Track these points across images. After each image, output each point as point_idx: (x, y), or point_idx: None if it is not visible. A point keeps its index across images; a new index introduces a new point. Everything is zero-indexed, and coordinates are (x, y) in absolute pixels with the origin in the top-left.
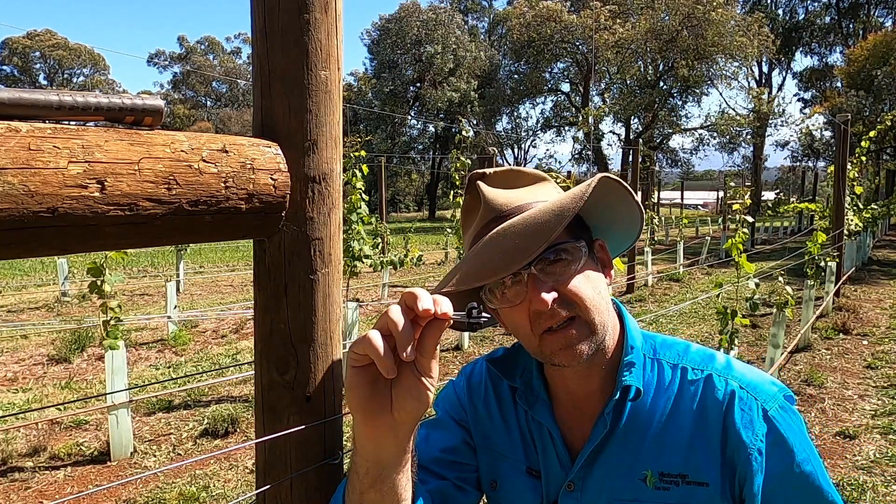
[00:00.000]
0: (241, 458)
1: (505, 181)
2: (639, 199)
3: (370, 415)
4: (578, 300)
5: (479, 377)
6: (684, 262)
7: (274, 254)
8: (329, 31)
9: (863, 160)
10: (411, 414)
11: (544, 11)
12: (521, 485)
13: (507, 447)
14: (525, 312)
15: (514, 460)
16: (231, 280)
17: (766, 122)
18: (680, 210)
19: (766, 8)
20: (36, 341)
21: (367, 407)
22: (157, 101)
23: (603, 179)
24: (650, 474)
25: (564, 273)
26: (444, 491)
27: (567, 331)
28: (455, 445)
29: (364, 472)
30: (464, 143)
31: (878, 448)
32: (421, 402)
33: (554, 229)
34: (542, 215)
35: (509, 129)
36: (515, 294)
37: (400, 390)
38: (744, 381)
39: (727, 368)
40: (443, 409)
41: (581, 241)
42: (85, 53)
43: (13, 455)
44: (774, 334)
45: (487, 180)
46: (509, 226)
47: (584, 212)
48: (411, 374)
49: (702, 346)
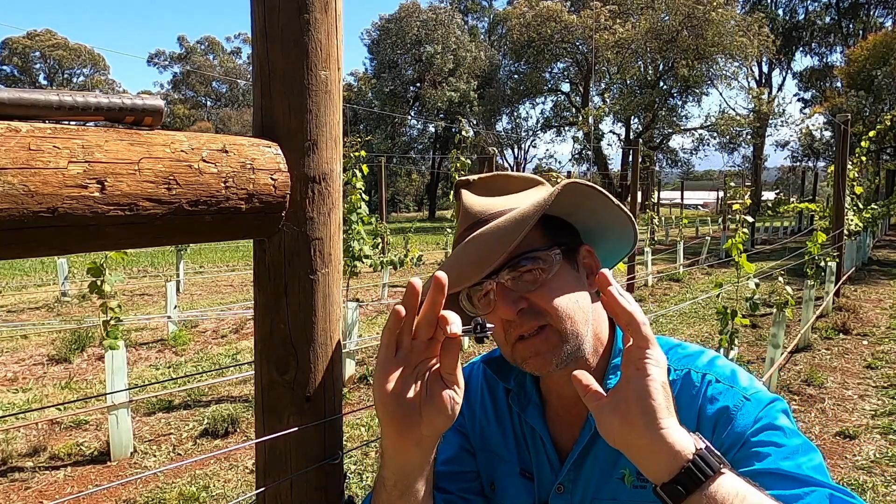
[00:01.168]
0: (241, 458)
1: (490, 188)
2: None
3: (401, 430)
4: (548, 310)
5: (477, 379)
6: (684, 262)
7: (274, 254)
8: (329, 31)
9: (863, 160)
10: (438, 428)
11: (544, 11)
12: (515, 486)
13: (502, 449)
14: (499, 320)
15: (510, 462)
16: (231, 280)
17: (766, 122)
18: (680, 210)
19: (766, 8)
20: (36, 341)
21: (399, 423)
22: (157, 101)
23: (571, 185)
24: (628, 473)
25: (535, 282)
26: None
27: (535, 340)
28: (454, 455)
29: (392, 485)
30: (464, 143)
31: (878, 448)
32: (448, 417)
33: (513, 238)
34: (507, 223)
35: (509, 129)
36: (486, 303)
37: (431, 406)
38: (722, 376)
39: (708, 365)
40: None
41: (555, 249)
42: (85, 53)
43: (13, 455)
44: (774, 334)
45: (471, 188)
46: (479, 234)
47: (570, 217)
48: (441, 390)
49: (699, 346)
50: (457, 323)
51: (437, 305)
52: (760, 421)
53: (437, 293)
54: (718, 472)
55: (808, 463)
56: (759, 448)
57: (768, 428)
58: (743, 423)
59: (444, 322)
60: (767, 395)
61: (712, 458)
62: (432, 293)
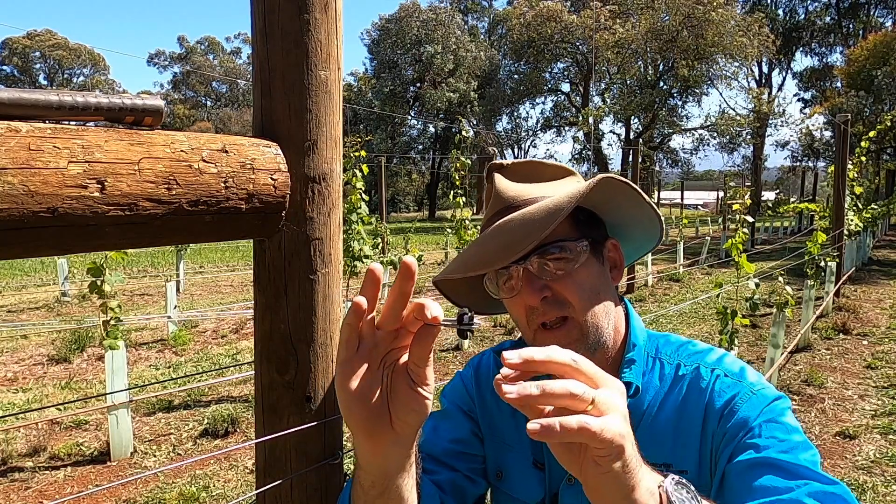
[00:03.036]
0: (241, 458)
1: (524, 174)
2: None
3: (372, 433)
4: (571, 301)
5: (487, 368)
6: (684, 262)
7: (274, 254)
8: (329, 31)
9: (863, 160)
10: (412, 426)
11: (544, 11)
12: (526, 476)
13: (514, 438)
14: (522, 305)
15: (521, 452)
16: (231, 280)
17: (766, 122)
18: (680, 210)
19: (766, 8)
20: (36, 341)
21: (367, 425)
22: (157, 101)
23: (605, 179)
24: None
25: (560, 271)
26: (455, 482)
27: (558, 332)
28: (464, 436)
29: (370, 486)
30: (464, 144)
31: (878, 448)
32: (420, 412)
33: (545, 227)
34: (539, 212)
35: (509, 129)
36: (510, 287)
37: (397, 404)
38: (730, 372)
39: (717, 362)
40: (450, 400)
41: (583, 240)
42: (85, 53)
43: (13, 455)
44: (774, 334)
45: (505, 172)
46: (510, 219)
47: (599, 210)
48: (407, 387)
49: (708, 345)
50: (436, 308)
51: (406, 294)
52: (764, 415)
53: (406, 280)
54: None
55: (806, 459)
56: (759, 440)
57: (771, 422)
58: (746, 415)
59: (420, 308)
60: (773, 392)
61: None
62: (400, 280)
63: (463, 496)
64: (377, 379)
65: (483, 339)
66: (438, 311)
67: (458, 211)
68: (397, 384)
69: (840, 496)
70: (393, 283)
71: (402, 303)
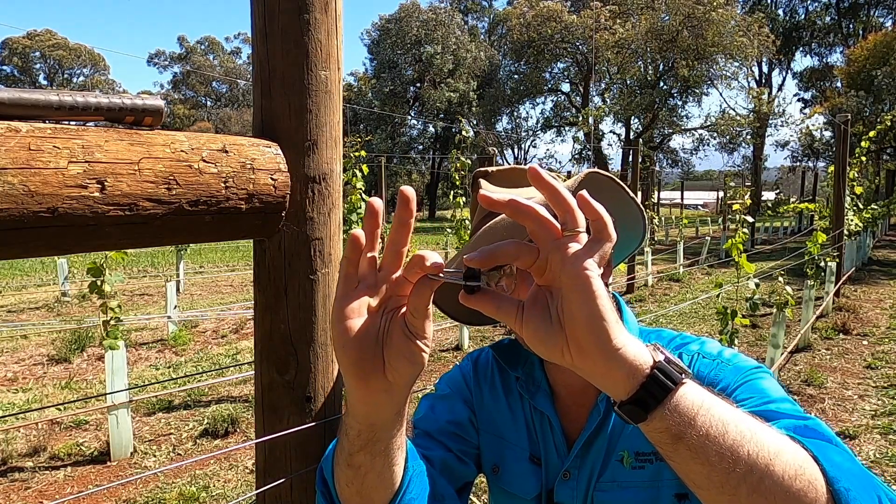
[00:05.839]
0: (241, 458)
1: (507, 179)
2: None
3: (363, 377)
4: None
5: (486, 362)
6: (684, 262)
7: (274, 254)
8: (329, 31)
9: (863, 160)
10: (405, 376)
11: (544, 11)
12: (523, 471)
13: (511, 433)
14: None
15: (518, 447)
16: (231, 280)
17: (766, 122)
18: (680, 210)
19: (766, 8)
20: (36, 341)
21: (358, 368)
22: (157, 101)
23: (591, 174)
24: (626, 455)
25: None
26: (446, 461)
27: None
28: (460, 420)
29: (355, 435)
30: (464, 144)
31: (878, 448)
32: (415, 363)
33: None
34: None
35: (509, 129)
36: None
37: (392, 351)
38: (709, 354)
39: (699, 346)
40: (449, 386)
41: None
42: (85, 53)
43: (13, 455)
44: (774, 334)
45: (489, 178)
46: (497, 221)
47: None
48: (403, 336)
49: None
50: (436, 257)
51: (406, 226)
52: (741, 380)
53: (405, 209)
54: (679, 383)
55: (788, 408)
56: (739, 396)
57: (748, 384)
58: (725, 384)
59: (421, 259)
60: (751, 363)
61: (672, 368)
62: (400, 210)
63: (453, 476)
64: (375, 322)
65: (483, 339)
66: (437, 260)
67: (458, 211)
68: (394, 331)
69: (812, 428)
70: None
71: (403, 235)
